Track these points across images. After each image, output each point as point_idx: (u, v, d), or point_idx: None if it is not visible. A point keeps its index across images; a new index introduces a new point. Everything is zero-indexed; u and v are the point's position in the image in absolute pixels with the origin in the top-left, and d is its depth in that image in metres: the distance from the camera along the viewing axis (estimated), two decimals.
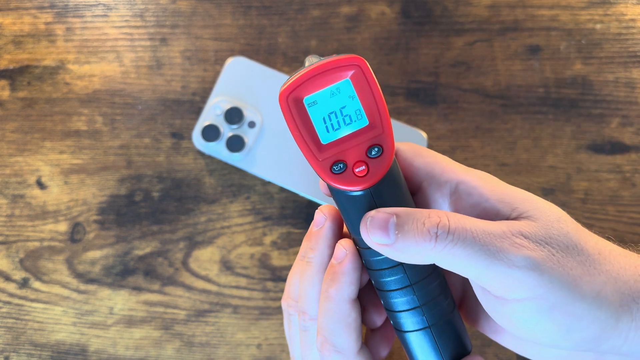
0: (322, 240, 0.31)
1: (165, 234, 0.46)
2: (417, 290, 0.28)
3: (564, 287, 0.25)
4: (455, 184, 0.28)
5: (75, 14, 0.49)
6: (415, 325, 0.28)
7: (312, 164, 0.27)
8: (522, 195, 0.27)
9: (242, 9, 0.49)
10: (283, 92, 0.27)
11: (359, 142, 0.27)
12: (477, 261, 0.24)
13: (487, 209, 0.27)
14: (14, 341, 0.45)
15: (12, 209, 0.46)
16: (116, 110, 0.48)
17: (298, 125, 0.27)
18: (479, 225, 0.25)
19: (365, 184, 0.27)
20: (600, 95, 0.47)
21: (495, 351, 0.44)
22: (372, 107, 0.27)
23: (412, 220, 0.26)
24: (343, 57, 0.27)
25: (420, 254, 0.25)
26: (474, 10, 0.49)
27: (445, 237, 0.25)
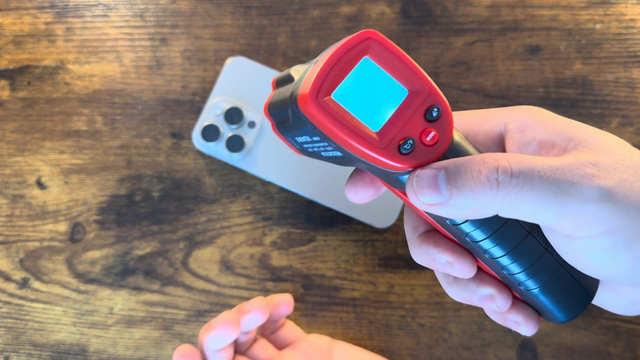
0: None
1: (165, 234, 0.46)
2: (518, 253, 0.26)
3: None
4: (504, 124, 0.26)
5: (75, 14, 0.49)
6: (533, 284, 0.26)
7: (377, 154, 0.23)
8: (577, 126, 0.25)
9: (242, 9, 0.49)
10: (307, 98, 0.23)
11: (411, 112, 0.24)
12: (548, 202, 0.22)
13: (543, 142, 0.25)
14: (13, 341, 0.45)
15: (12, 209, 0.46)
16: (116, 110, 0.48)
17: (342, 123, 0.23)
18: (544, 162, 0.23)
19: (440, 149, 0.24)
20: (600, 95, 0.47)
21: (495, 351, 0.44)
22: (404, 74, 0.24)
23: (465, 169, 0.23)
24: (352, 37, 0.24)
25: (480, 207, 0.23)
26: (474, 10, 0.49)
27: (509, 181, 0.22)
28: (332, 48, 0.24)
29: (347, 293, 0.45)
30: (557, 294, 0.27)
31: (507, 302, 0.28)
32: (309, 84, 0.23)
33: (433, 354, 0.44)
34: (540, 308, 0.28)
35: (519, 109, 0.26)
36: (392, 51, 0.24)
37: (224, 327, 0.37)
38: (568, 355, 0.43)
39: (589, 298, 0.27)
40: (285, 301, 0.42)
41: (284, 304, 0.42)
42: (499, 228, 0.25)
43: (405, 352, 0.44)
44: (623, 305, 0.28)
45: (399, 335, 0.44)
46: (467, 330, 0.44)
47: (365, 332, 0.44)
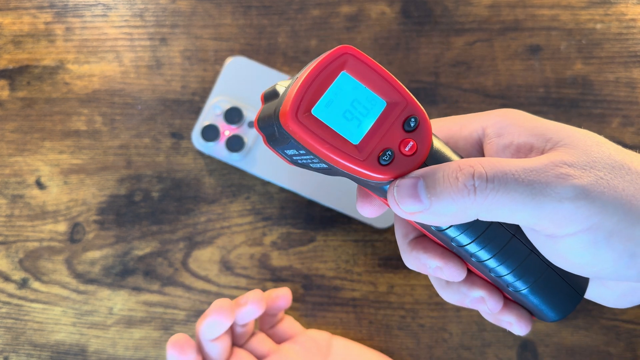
0: None
1: (165, 234, 0.46)
2: (504, 255, 0.26)
3: (619, 210, 0.23)
4: (482, 129, 0.26)
5: (74, 13, 0.49)
6: (520, 287, 0.27)
7: (357, 166, 0.24)
8: (554, 126, 0.25)
9: (242, 8, 0.49)
10: (287, 114, 0.24)
11: (390, 123, 0.25)
12: (524, 204, 0.23)
13: (520, 146, 0.25)
14: (13, 341, 0.45)
15: (11, 209, 0.46)
16: (116, 110, 0.48)
17: (322, 138, 0.24)
18: (518, 164, 0.23)
19: (419, 158, 0.25)
20: (600, 95, 0.47)
21: (495, 351, 0.44)
22: (381, 86, 0.25)
23: (442, 177, 0.23)
24: (329, 54, 0.25)
25: (460, 212, 0.23)
26: (474, 10, 0.49)
27: (485, 186, 0.23)
28: (311, 64, 0.25)
29: (347, 293, 0.45)
30: (547, 293, 0.27)
31: (498, 304, 0.28)
32: (288, 101, 0.24)
33: (433, 354, 0.44)
34: (531, 308, 0.28)
35: (496, 113, 0.26)
36: (369, 65, 0.25)
37: (217, 314, 0.37)
38: (568, 356, 0.43)
39: (579, 297, 0.28)
40: (283, 295, 0.42)
41: (282, 297, 0.41)
42: (483, 232, 0.26)
43: (406, 352, 0.44)
44: (614, 298, 0.28)
45: (399, 335, 0.44)
46: (467, 330, 0.44)
47: (365, 333, 0.44)
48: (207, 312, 0.38)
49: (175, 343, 0.37)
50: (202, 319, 0.38)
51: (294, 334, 0.42)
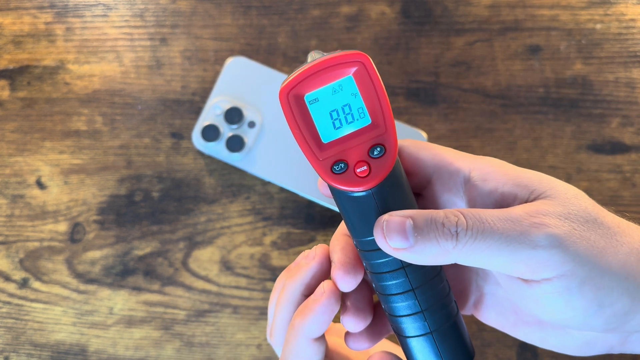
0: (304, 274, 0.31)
1: (165, 234, 0.46)
2: (419, 294, 0.27)
3: (591, 260, 0.24)
4: (468, 171, 0.27)
5: (75, 13, 0.49)
6: (416, 331, 0.28)
7: (313, 163, 0.26)
8: (538, 177, 0.27)
9: (242, 8, 0.49)
10: (283, 88, 0.26)
11: (361, 141, 0.26)
12: (500, 250, 0.24)
13: (505, 194, 0.26)
14: (13, 341, 0.45)
15: (12, 209, 0.46)
16: (116, 110, 0.48)
17: (298, 123, 0.26)
18: (495, 214, 0.25)
19: (367, 184, 0.26)
20: (600, 95, 0.47)
21: (495, 351, 0.44)
22: (375, 106, 0.26)
23: (430, 222, 0.25)
24: (346, 53, 0.26)
25: (440, 254, 0.25)
26: (474, 10, 0.49)
27: (465, 234, 0.24)
28: (330, 55, 0.26)
29: None
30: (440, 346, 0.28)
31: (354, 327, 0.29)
32: (289, 79, 0.26)
33: None
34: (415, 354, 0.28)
35: (483, 160, 0.28)
36: (374, 81, 0.26)
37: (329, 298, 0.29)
38: (568, 356, 0.43)
39: (468, 359, 0.28)
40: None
41: None
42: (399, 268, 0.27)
43: None
44: (576, 346, 0.29)
45: None
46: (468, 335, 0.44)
47: None
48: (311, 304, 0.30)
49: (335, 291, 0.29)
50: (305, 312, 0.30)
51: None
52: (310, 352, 0.30)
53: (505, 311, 0.30)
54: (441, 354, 0.28)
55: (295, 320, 0.30)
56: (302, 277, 0.31)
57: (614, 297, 0.25)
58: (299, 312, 0.30)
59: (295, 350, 0.30)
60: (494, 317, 0.31)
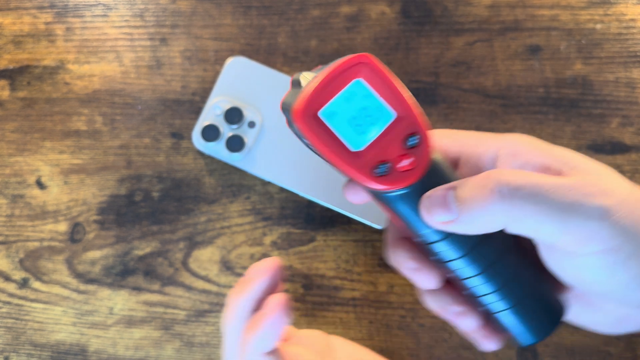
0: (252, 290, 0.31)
1: (165, 234, 0.46)
2: (494, 272, 0.27)
3: (637, 235, 0.24)
4: (496, 150, 0.27)
5: (75, 13, 0.49)
6: (501, 306, 0.27)
7: (352, 175, 0.25)
8: (569, 152, 0.26)
9: (242, 8, 0.49)
10: (296, 112, 0.25)
11: (393, 136, 0.25)
12: (552, 217, 0.23)
13: (537, 167, 0.26)
14: (13, 341, 0.45)
15: (11, 209, 0.46)
16: (116, 110, 0.48)
17: (323, 141, 0.25)
18: (549, 179, 0.24)
19: (414, 175, 0.25)
20: (600, 95, 0.47)
21: (496, 351, 0.44)
22: (392, 98, 0.25)
23: (471, 186, 0.24)
24: (347, 58, 0.25)
25: (488, 219, 0.24)
26: (474, 10, 0.49)
27: (514, 193, 0.23)
28: (331, 65, 0.25)
29: (347, 293, 0.45)
30: (525, 317, 0.28)
31: (475, 323, 0.29)
32: (300, 100, 0.25)
33: (433, 354, 0.44)
34: (509, 329, 0.28)
35: (512, 136, 0.27)
36: (385, 76, 0.25)
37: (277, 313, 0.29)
38: (568, 355, 0.43)
39: (557, 322, 0.28)
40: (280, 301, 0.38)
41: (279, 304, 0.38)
42: (468, 252, 0.26)
43: (406, 352, 0.44)
44: (609, 323, 0.29)
45: (399, 335, 0.44)
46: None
47: (365, 332, 0.44)
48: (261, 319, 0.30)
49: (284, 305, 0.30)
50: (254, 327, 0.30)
51: (290, 333, 0.40)
52: None
53: None
54: (529, 322, 0.27)
55: (245, 335, 0.30)
56: (251, 292, 0.31)
57: None
58: (248, 327, 0.30)
59: None
60: None
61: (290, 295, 0.36)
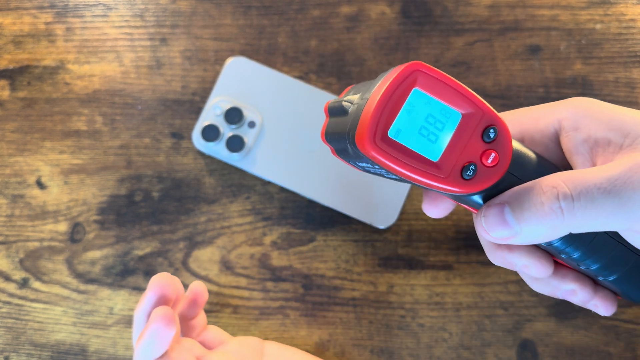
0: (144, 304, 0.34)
1: (165, 234, 0.46)
2: (592, 250, 0.26)
3: None
4: (557, 122, 0.26)
5: (75, 14, 0.49)
6: (609, 276, 0.27)
7: (440, 183, 0.24)
8: (632, 119, 0.25)
9: (242, 9, 0.49)
10: (366, 141, 0.24)
11: (468, 135, 0.25)
12: (614, 214, 0.23)
13: (598, 141, 0.25)
14: (13, 341, 0.45)
15: (12, 209, 0.46)
16: (116, 110, 0.48)
17: (402, 160, 0.24)
18: (601, 175, 0.24)
19: (502, 168, 0.25)
20: (600, 96, 0.47)
21: (495, 351, 0.44)
22: (454, 98, 0.25)
23: (528, 203, 0.24)
24: (397, 72, 0.25)
25: (550, 233, 0.24)
26: (474, 10, 0.49)
27: (572, 206, 0.23)
28: (382, 82, 0.25)
29: (347, 293, 0.45)
30: (635, 279, 0.28)
31: (589, 295, 0.28)
32: (364, 126, 0.24)
33: (433, 354, 0.44)
34: (619, 291, 0.29)
35: (571, 103, 0.26)
36: (441, 78, 0.25)
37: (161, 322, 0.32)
38: (568, 355, 0.43)
39: None
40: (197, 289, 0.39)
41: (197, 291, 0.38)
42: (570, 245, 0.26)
43: (405, 352, 0.44)
44: None
45: (399, 335, 0.44)
46: (467, 330, 0.44)
47: (365, 332, 0.44)
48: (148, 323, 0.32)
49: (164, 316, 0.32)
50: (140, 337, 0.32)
51: (222, 341, 0.40)
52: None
53: None
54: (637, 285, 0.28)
55: (135, 344, 0.33)
56: (142, 307, 0.34)
57: None
58: (138, 338, 0.32)
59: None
60: None
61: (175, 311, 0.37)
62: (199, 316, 0.40)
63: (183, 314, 0.38)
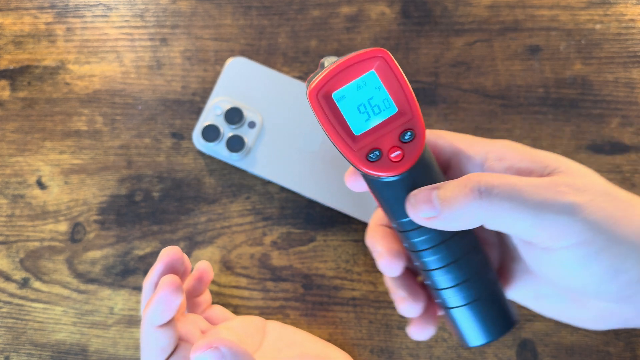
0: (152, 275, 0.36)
1: (165, 234, 0.46)
2: (461, 266, 0.29)
3: (608, 229, 0.26)
4: (485, 153, 0.29)
5: (75, 14, 0.50)
6: (459, 301, 0.29)
7: (348, 155, 0.28)
8: (552, 155, 0.29)
9: (242, 9, 0.49)
10: (312, 90, 0.28)
11: (391, 129, 0.28)
12: (526, 213, 0.25)
13: (521, 170, 0.28)
14: (14, 341, 0.45)
15: (12, 209, 0.47)
16: (116, 111, 0.48)
17: (330, 120, 0.28)
18: (524, 180, 0.26)
19: (402, 168, 0.28)
20: (600, 96, 0.47)
21: (495, 351, 0.44)
22: (399, 95, 0.28)
23: (453, 186, 0.27)
24: (366, 51, 0.28)
25: (467, 216, 0.26)
26: (474, 11, 0.49)
27: (490, 192, 0.26)
28: (350, 55, 0.28)
29: (347, 293, 0.45)
30: (477, 316, 0.29)
31: (413, 312, 0.31)
32: (317, 80, 0.28)
33: (433, 353, 0.44)
34: (459, 327, 0.30)
35: (500, 142, 0.30)
36: (395, 72, 0.28)
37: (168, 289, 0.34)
38: (568, 355, 0.44)
39: (507, 328, 0.30)
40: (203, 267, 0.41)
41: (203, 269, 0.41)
42: (437, 244, 0.28)
43: (405, 352, 0.44)
44: (593, 319, 0.30)
45: (399, 335, 0.44)
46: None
47: (365, 332, 0.44)
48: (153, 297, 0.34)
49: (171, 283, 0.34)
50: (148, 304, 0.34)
51: (226, 319, 0.42)
52: (155, 338, 0.34)
53: (526, 285, 0.32)
54: (485, 320, 0.29)
55: (143, 312, 0.35)
56: (151, 277, 0.36)
57: (628, 264, 0.26)
58: (146, 305, 0.34)
59: (143, 337, 0.35)
60: (516, 292, 0.32)
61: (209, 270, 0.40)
62: (204, 294, 0.42)
63: (189, 290, 0.40)
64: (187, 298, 0.41)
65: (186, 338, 0.37)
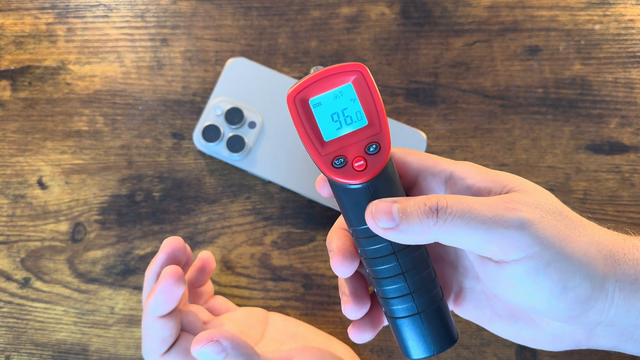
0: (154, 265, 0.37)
1: (166, 234, 0.46)
2: (409, 277, 0.30)
3: (556, 245, 0.27)
4: (449, 172, 0.31)
5: (76, 14, 0.50)
6: (405, 312, 0.30)
7: (315, 158, 0.29)
8: (510, 176, 0.30)
9: (242, 9, 0.50)
10: (291, 93, 0.29)
11: (358, 139, 0.29)
12: (476, 229, 0.27)
13: (481, 189, 0.30)
14: (15, 341, 0.45)
15: (13, 209, 0.47)
16: (117, 111, 0.48)
17: (303, 123, 0.29)
18: (475, 199, 0.28)
19: (363, 177, 0.29)
20: (599, 96, 0.48)
21: (495, 350, 0.44)
22: (371, 109, 0.29)
23: (414, 202, 0.28)
24: (346, 64, 0.30)
25: (423, 231, 0.28)
26: (474, 11, 0.49)
27: (445, 211, 0.27)
28: (331, 67, 0.30)
29: None
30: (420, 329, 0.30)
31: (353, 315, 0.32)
32: (296, 85, 0.29)
33: None
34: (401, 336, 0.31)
35: (463, 163, 0.31)
36: (370, 88, 0.29)
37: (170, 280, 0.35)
38: (567, 355, 0.44)
39: (447, 344, 0.31)
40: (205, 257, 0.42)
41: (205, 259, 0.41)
42: (389, 254, 0.30)
43: None
44: (547, 340, 0.31)
45: None
46: (466, 329, 0.44)
47: None
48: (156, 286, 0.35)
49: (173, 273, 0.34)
50: (149, 294, 0.35)
51: (228, 309, 0.42)
52: (157, 328, 0.35)
53: (481, 305, 0.33)
54: (427, 334, 0.30)
55: (144, 302, 0.35)
56: (153, 267, 0.37)
57: (576, 280, 0.27)
58: (147, 295, 0.35)
59: (144, 328, 0.36)
60: (472, 312, 0.33)
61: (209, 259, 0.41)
62: (207, 284, 0.42)
63: (191, 281, 0.41)
64: (189, 289, 0.41)
65: (188, 329, 0.37)
